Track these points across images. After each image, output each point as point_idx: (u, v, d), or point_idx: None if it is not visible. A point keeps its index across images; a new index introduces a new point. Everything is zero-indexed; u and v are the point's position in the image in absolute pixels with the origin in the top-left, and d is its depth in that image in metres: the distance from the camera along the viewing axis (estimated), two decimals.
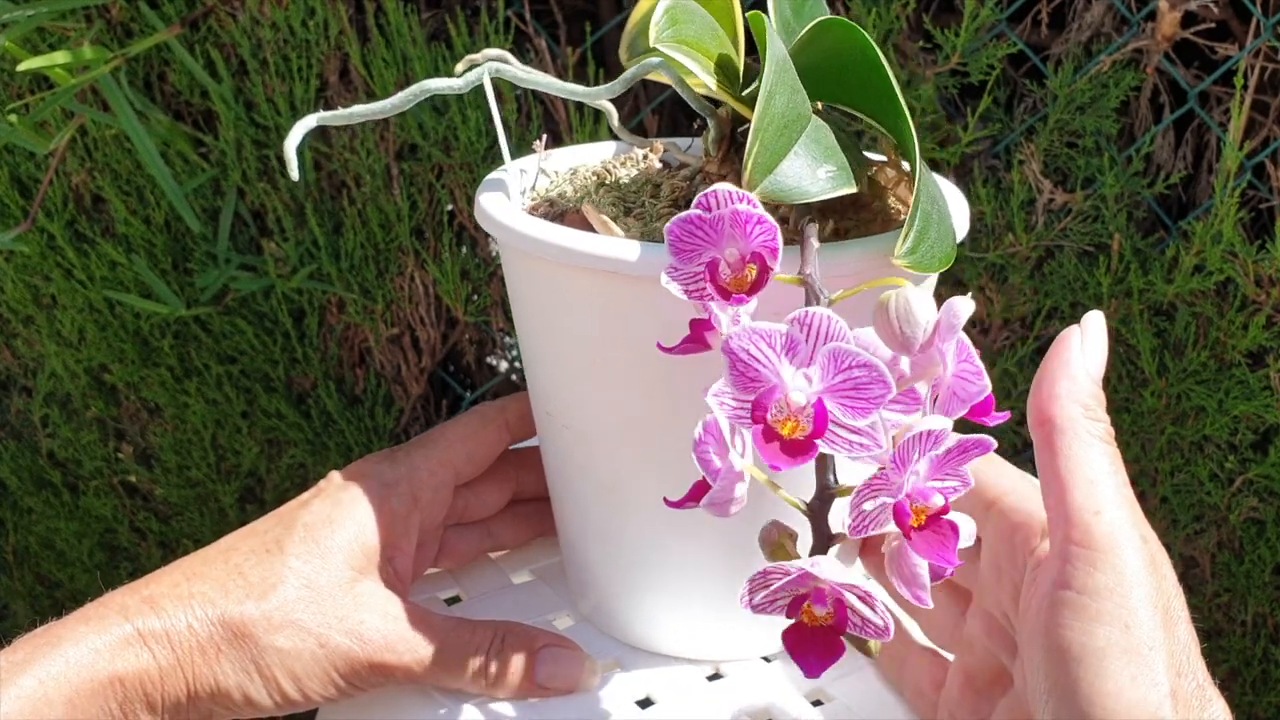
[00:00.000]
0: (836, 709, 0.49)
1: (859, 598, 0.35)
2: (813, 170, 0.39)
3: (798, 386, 0.34)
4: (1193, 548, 0.81)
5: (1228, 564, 0.80)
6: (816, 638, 0.35)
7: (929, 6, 0.76)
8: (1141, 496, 0.80)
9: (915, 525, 0.35)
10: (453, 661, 0.47)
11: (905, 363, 0.37)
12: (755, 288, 0.36)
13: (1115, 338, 0.77)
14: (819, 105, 0.45)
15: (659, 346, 0.39)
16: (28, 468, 0.97)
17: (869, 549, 0.50)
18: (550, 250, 0.43)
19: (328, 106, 0.79)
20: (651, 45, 0.41)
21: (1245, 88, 0.71)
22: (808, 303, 0.37)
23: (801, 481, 0.37)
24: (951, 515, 0.36)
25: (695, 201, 0.37)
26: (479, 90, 0.48)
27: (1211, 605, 0.82)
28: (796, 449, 0.34)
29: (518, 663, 0.48)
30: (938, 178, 0.52)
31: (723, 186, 0.36)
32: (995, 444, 0.36)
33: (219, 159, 0.81)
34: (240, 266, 0.84)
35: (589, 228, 0.45)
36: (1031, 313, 0.78)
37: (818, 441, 0.34)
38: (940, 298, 0.38)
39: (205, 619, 0.45)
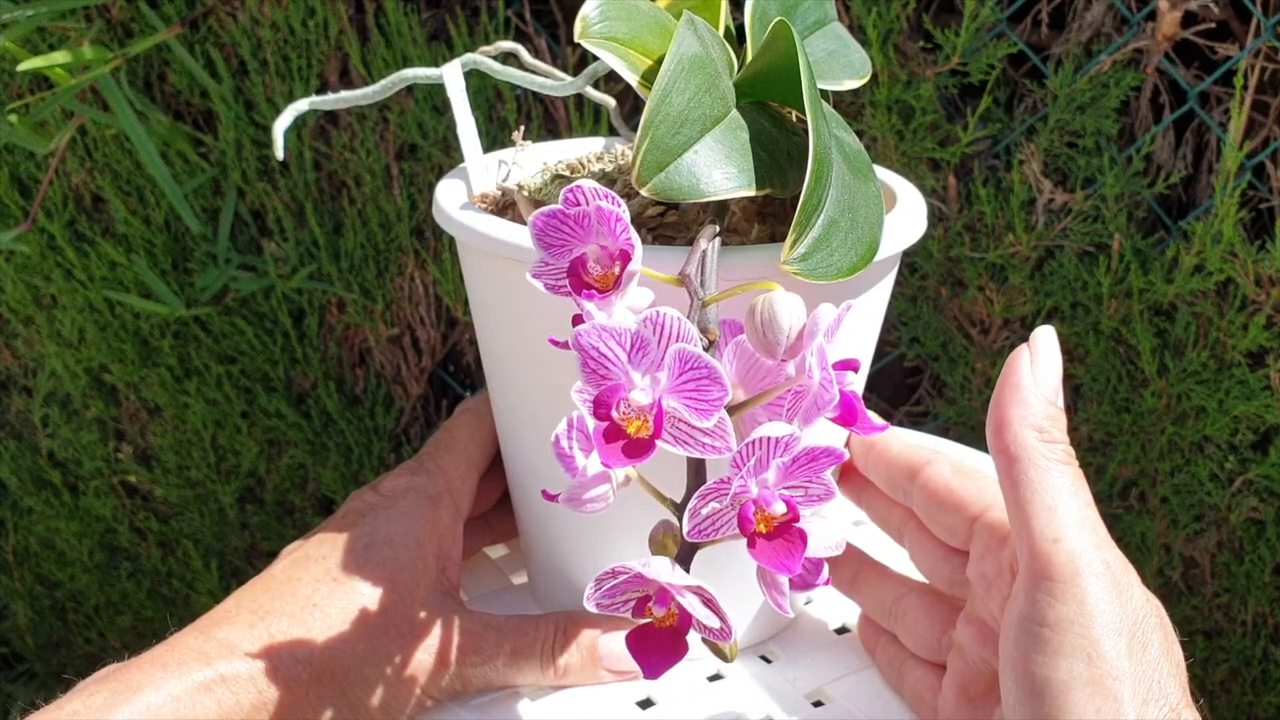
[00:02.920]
0: (836, 710, 0.49)
1: (702, 600, 0.34)
2: (710, 170, 0.39)
3: (642, 386, 0.34)
4: (1193, 548, 0.81)
5: (1228, 564, 0.80)
6: (660, 639, 0.35)
7: (929, 6, 0.76)
8: (1141, 497, 0.80)
9: (761, 531, 0.34)
10: (524, 660, 0.48)
11: (791, 367, 0.37)
12: (614, 288, 0.36)
13: (1115, 338, 0.77)
14: (789, 112, 0.45)
15: (550, 341, 0.39)
16: (28, 468, 0.97)
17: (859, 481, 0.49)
18: (496, 245, 0.43)
19: None
20: (576, 40, 0.41)
21: (1245, 88, 0.71)
22: (691, 303, 0.37)
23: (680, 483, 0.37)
24: (812, 524, 0.35)
25: (561, 196, 0.37)
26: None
27: (1211, 605, 0.82)
28: (636, 449, 0.33)
29: (584, 650, 0.48)
30: (890, 175, 0.52)
31: (588, 182, 0.36)
32: (847, 455, 0.36)
33: (219, 159, 0.81)
34: (240, 266, 0.84)
35: None
36: (1031, 313, 0.78)
37: (657, 442, 0.33)
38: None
39: (290, 658, 0.44)
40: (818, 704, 0.49)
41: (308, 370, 0.88)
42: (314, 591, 0.46)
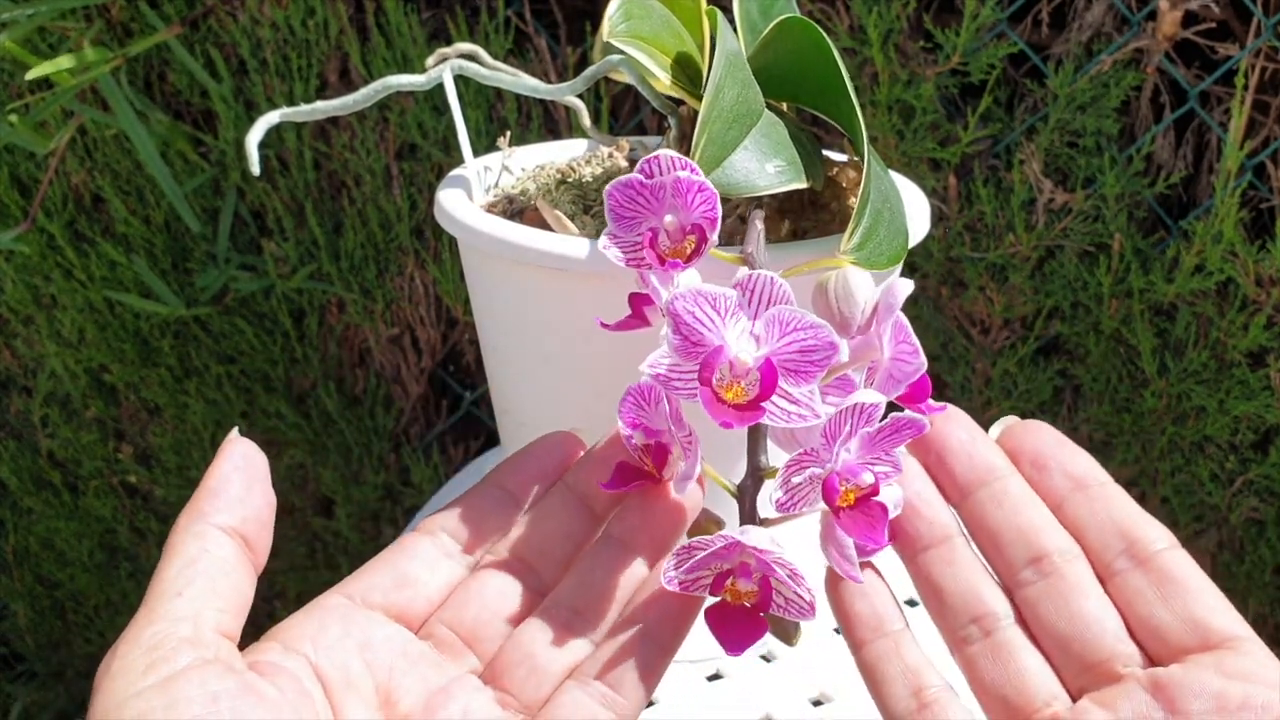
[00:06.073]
0: (836, 710, 0.49)
1: (788, 573, 0.34)
2: (761, 164, 0.39)
3: (744, 348, 0.34)
4: (1193, 548, 0.81)
5: (1228, 564, 0.80)
6: (739, 616, 0.34)
7: (929, 6, 0.76)
8: (1142, 496, 0.80)
9: (844, 504, 0.34)
10: None
11: (844, 348, 0.37)
12: (692, 258, 0.36)
13: (1116, 338, 0.77)
14: (783, 105, 0.45)
15: (600, 323, 0.39)
16: (28, 468, 0.97)
17: None
18: (502, 247, 0.43)
19: None
20: (605, 40, 0.41)
21: (1246, 87, 0.71)
22: None
23: (730, 465, 0.37)
24: (881, 494, 0.35)
25: (638, 166, 0.36)
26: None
27: None
28: (744, 410, 0.33)
29: None
30: (896, 176, 0.52)
31: (666, 152, 0.36)
32: (929, 424, 0.36)
33: (219, 159, 0.81)
34: (240, 266, 0.84)
35: (546, 225, 0.45)
36: (1031, 313, 0.78)
37: (764, 404, 0.33)
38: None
39: None
40: (817, 704, 0.49)
41: (307, 370, 0.88)
42: None
